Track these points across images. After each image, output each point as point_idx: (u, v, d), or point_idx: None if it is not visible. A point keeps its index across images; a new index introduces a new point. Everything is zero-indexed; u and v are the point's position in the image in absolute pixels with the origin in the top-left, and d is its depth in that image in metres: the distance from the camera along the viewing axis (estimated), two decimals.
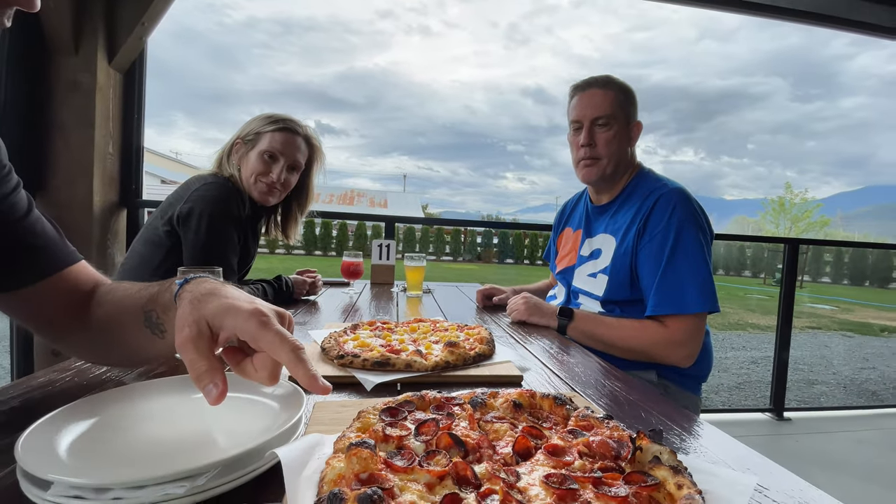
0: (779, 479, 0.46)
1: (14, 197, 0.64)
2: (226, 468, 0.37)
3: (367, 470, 0.36)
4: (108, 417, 0.46)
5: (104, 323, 0.64)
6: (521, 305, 1.24)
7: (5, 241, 0.63)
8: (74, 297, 0.66)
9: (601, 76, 1.33)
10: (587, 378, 0.78)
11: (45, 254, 0.65)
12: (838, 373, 5.11)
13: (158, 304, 0.56)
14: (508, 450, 0.43)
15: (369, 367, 0.70)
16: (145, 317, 0.58)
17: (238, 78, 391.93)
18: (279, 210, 1.41)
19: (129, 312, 0.60)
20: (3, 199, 0.62)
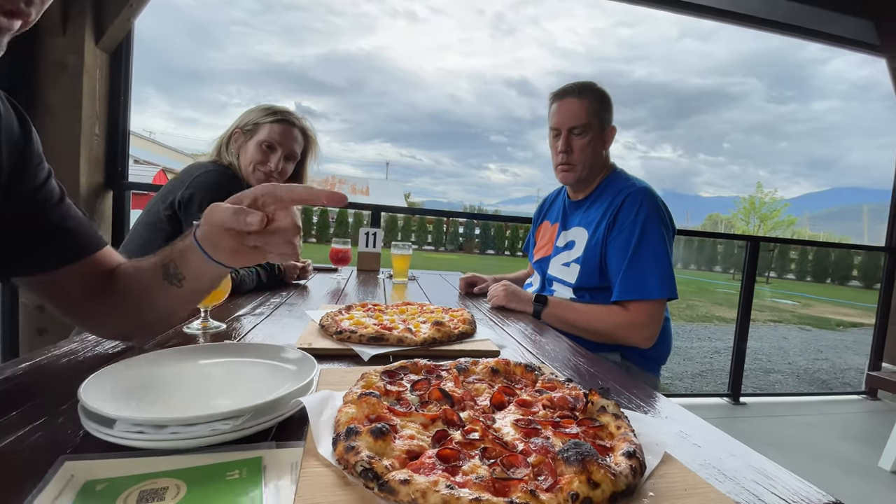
0: (702, 429, 0.57)
1: (48, 185, 0.70)
2: (259, 411, 0.46)
3: (374, 412, 0.46)
4: (152, 373, 0.54)
5: (124, 293, 0.70)
6: (500, 292, 1.34)
7: (41, 227, 0.69)
8: (100, 279, 0.72)
9: (578, 84, 1.44)
10: (556, 355, 0.89)
11: (76, 238, 0.71)
12: (794, 363, 5.45)
13: (175, 252, 0.64)
14: (487, 402, 0.53)
15: (365, 341, 0.79)
16: (164, 270, 0.65)
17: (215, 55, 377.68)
18: None
19: (148, 271, 0.67)
20: (40, 187, 0.67)
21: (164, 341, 0.81)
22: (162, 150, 33.61)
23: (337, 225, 22.21)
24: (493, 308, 1.35)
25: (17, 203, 0.66)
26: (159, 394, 0.50)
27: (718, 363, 4.97)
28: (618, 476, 0.37)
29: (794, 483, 0.46)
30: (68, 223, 0.71)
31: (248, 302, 1.18)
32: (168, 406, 0.47)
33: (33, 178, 0.68)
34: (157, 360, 0.57)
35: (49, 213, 0.68)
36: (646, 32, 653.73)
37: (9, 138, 0.65)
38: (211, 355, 0.61)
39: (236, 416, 0.44)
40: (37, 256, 0.70)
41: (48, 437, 0.45)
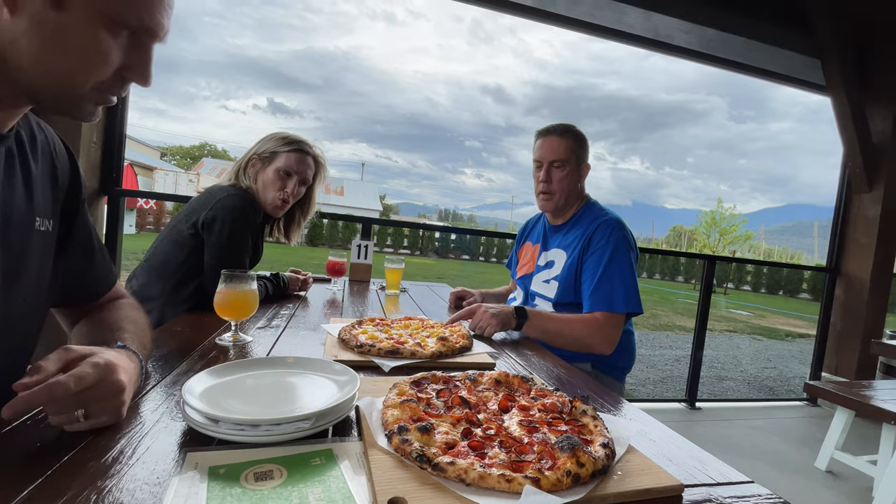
0: (657, 428, 0.74)
1: (91, 225, 0.80)
2: (327, 413, 0.59)
3: (415, 415, 0.60)
4: (231, 382, 0.67)
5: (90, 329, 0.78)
6: (491, 320, 1.31)
7: (85, 264, 0.79)
8: (100, 306, 0.83)
9: (560, 125, 1.63)
10: (541, 366, 1.05)
11: (105, 274, 0.83)
12: (745, 371, 5.86)
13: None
14: (495, 407, 0.68)
15: (383, 354, 0.93)
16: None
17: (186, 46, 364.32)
18: (283, 216, 1.59)
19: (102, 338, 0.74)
20: (83, 225, 0.78)
21: (205, 352, 0.92)
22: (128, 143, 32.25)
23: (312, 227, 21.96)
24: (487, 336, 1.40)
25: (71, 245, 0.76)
26: (245, 398, 0.62)
27: (678, 370, 5.31)
28: (597, 460, 0.53)
29: (721, 467, 0.63)
30: (102, 260, 0.82)
31: (262, 314, 1.30)
32: (254, 409, 0.60)
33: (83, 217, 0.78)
34: (233, 371, 0.69)
35: (91, 252, 0.80)
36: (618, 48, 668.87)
37: (63, 182, 0.74)
38: (273, 367, 0.74)
39: (311, 417, 0.57)
40: (80, 290, 0.81)
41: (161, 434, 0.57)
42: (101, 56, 0.58)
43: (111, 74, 0.60)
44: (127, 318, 0.79)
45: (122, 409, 0.58)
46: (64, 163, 0.75)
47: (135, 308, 0.86)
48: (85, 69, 0.58)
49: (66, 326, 0.85)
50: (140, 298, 1.27)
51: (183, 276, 1.27)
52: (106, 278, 0.84)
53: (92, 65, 0.58)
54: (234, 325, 1.01)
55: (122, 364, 0.59)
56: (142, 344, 0.74)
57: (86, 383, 0.54)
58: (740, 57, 3.44)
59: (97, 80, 0.59)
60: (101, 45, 0.57)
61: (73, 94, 0.60)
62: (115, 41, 0.58)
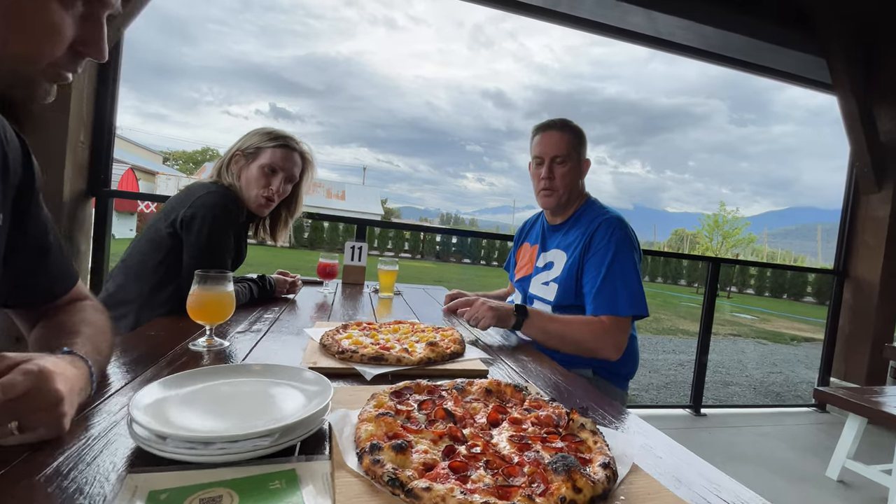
0: (663, 442, 0.67)
1: (45, 219, 0.74)
2: (291, 429, 0.52)
3: (391, 430, 0.53)
4: (189, 393, 0.60)
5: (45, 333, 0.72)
6: (487, 312, 1.31)
7: (40, 263, 0.73)
8: (58, 308, 0.77)
9: (559, 119, 1.57)
10: (538, 373, 0.98)
11: (63, 274, 0.77)
12: (751, 376, 5.76)
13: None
14: (484, 420, 0.61)
15: (366, 361, 0.86)
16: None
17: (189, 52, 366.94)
18: (268, 216, 1.52)
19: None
20: (38, 221, 0.72)
21: (175, 358, 0.85)
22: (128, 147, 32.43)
23: (312, 230, 21.98)
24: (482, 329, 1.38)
25: (24, 241, 0.71)
26: (200, 412, 0.56)
27: (682, 375, 5.21)
28: (596, 483, 0.46)
29: (736, 488, 0.56)
30: (59, 258, 0.76)
31: (244, 318, 1.23)
32: (209, 424, 0.54)
33: (36, 211, 0.72)
34: (191, 380, 0.62)
35: (46, 249, 0.73)
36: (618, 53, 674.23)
37: (15, 172, 0.69)
38: (238, 375, 0.67)
39: (272, 434, 0.51)
40: (33, 290, 0.75)
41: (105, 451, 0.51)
42: (55, 30, 0.55)
43: (65, 50, 0.57)
44: (84, 322, 0.73)
45: (62, 421, 0.52)
46: (16, 152, 0.69)
47: (96, 311, 0.79)
48: (39, 45, 0.55)
49: (23, 330, 0.78)
50: (116, 301, 1.22)
51: (161, 277, 1.20)
52: (63, 278, 0.78)
53: (46, 40, 0.55)
54: (210, 329, 0.95)
55: (61, 371, 0.53)
56: (96, 349, 0.68)
57: (14, 393, 0.48)
58: (744, 56, 3.38)
59: (52, 57, 0.56)
60: (54, 19, 0.54)
61: (28, 71, 0.56)
62: (67, 14, 0.55)
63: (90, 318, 0.75)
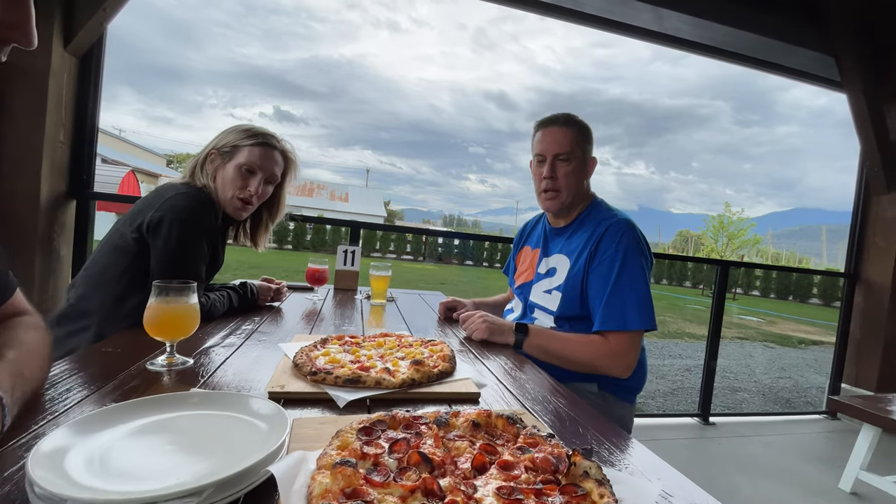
0: (682, 487, 0.57)
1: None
2: (226, 484, 0.42)
3: (350, 485, 0.43)
4: (106, 435, 0.50)
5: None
6: (481, 325, 1.29)
7: None
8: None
9: (562, 114, 1.46)
10: (536, 395, 0.88)
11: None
12: (759, 381, 5.62)
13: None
14: (468, 465, 0.51)
15: (341, 383, 0.76)
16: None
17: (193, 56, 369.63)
18: (249, 219, 1.42)
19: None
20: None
21: (125, 380, 0.76)
22: (132, 150, 32.52)
23: (314, 233, 21.92)
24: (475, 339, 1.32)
25: None
26: (118, 460, 0.46)
27: (689, 381, 5.08)
28: None
29: None
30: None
31: (218, 330, 1.13)
32: (127, 477, 0.44)
33: None
34: (113, 418, 0.53)
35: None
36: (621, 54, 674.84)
37: None
38: (175, 408, 0.57)
39: (201, 491, 0.41)
40: None
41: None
42: None
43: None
44: (13, 341, 0.63)
45: None
46: None
47: (33, 328, 0.70)
48: None
49: None
50: (77, 312, 1.12)
51: (125, 286, 1.09)
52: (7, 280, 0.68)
53: None
54: (170, 345, 0.85)
55: None
56: (18, 374, 0.58)
57: None
58: (753, 53, 3.29)
59: None
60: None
61: None
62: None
63: (21, 336, 0.66)
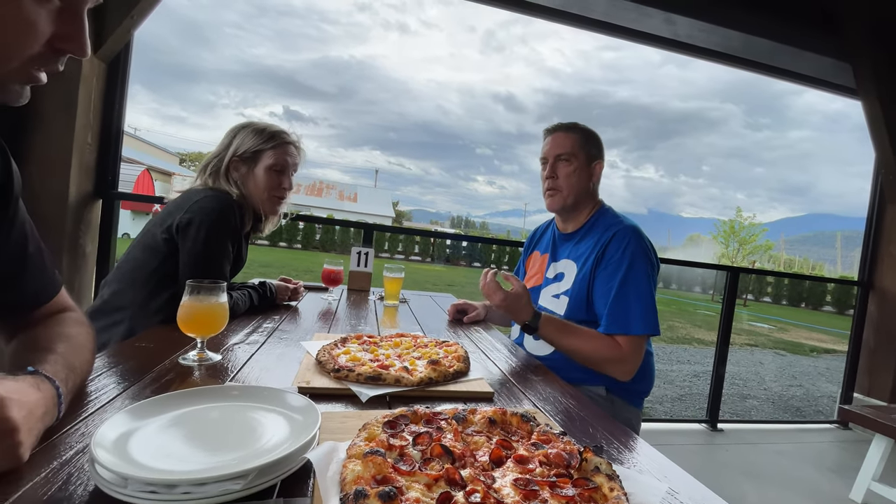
0: (688, 486, 0.60)
1: (26, 226, 0.70)
2: (267, 469, 0.47)
3: (380, 473, 0.47)
4: (158, 420, 0.55)
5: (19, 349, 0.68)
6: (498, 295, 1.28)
7: (19, 271, 0.69)
8: (37, 319, 0.73)
9: (568, 122, 1.52)
10: (546, 395, 0.92)
11: (38, 282, 0.72)
12: (769, 389, 5.58)
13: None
14: (486, 458, 0.55)
15: (363, 381, 0.80)
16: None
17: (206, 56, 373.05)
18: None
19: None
20: (19, 228, 0.68)
21: (161, 374, 0.81)
22: (147, 148, 33.09)
23: (324, 232, 22.09)
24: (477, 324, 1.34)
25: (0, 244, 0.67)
26: (168, 445, 0.51)
27: (697, 387, 5.06)
28: None
29: None
30: (40, 265, 0.72)
31: (242, 327, 1.18)
32: (178, 459, 0.48)
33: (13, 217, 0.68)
34: (164, 406, 0.57)
35: (25, 256, 0.69)
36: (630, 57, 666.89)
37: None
38: (215, 399, 0.61)
39: (246, 475, 0.45)
40: (12, 300, 0.70)
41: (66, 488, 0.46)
42: (29, 26, 0.51)
43: (42, 47, 0.53)
44: (61, 336, 0.68)
45: (17, 451, 0.47)
46: None
47: (77, 323, 0.75)
48: (12, 43, 0.51)
49: (2, 343, 0.74)
50: (111, 307, 1.18)
51: (156, 284, 1.16)
52: (44, 287, 0.74)
53: (20, 37, 0.51)
54: (201, 342, 0.90)
55: (16, 397, 0.48)
56: (69, 366, 0.63)
57: None
58: (766, 59, 3.28)
59: (27, 55, 0.52)
60: (28, 14, 0.50)
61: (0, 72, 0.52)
62: (42, 8, 0.51)
63: (68, 331, 0.71)
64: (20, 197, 0.70)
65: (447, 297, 2.23)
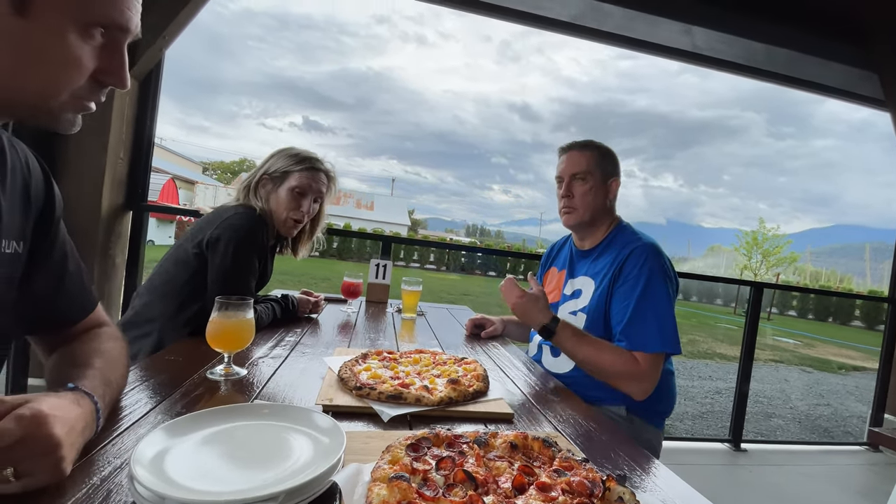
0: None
1: (66, 245, 0.74)
2: (297, 490, 0.48)
3: (405, 498, 0.48)
4: (192, 438, 0.57)
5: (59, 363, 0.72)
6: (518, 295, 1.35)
7: (59, 288, 0.73)
8: (74, 334, 0.76)
9: (583, 140, 1.53)
10: (566, 417, 0.91)
11: (83, 298, 0.76)
12: (795, 408, 5.39)
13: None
14: (508, 485, 0.55)
15: (384, 399, 0.81)
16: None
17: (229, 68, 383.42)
18: None
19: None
20: (60, 247, 0.72)
21: (190, 388, 0.83)
22: (172, 157, 34.11)
23: (341, 241, 22.36)
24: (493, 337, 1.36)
25: (43, 266, 0.70)
26: (203, 464, 0.53)
27: (719, 404, 4.93)
28: None
29: None
30: (78, 283, 0.75)
31: (265, 341, 1.21)
32: (212, 479, 0.50)
33: (54, 238, 0.72)
34: (197, 424, 0.59)
35: (65, 275, 0.73)
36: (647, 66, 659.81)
37: (36, 200, 0.69)
38: (245, 418, 0.63)
39: (276, 497, 0.46)
40: (52, 316, 0.74)
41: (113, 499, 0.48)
42: (74, 62, 0.55)
43: (87, 80, 0.57)
44: (97, 352, 0.71)
45: (60, 466, 0.50)
46: (38, 181, 0.70)
47: (112, 338, 0.78)
48: (58, 78, 0.55)
49: (42, 357, 0.78)
50: (142, 318, 1.23)
51: (186, 297, 1.20)
52: (81, 303, 0.77)
53: (66, 72, 0.55)
54: (228, 356, 0.93)
55: (58, 414, 0.51)
56: (105, 381, 0.66)
57: (6, 441, 0.45)
58: (789, 70, 3.22)
59: (73, 88, 0.57)
60: (73, 51, 0.55)
61: (49, 104, 0.57)
62: (86, 44, 0.56)
63: (104, 346, 0.74)
64: (61, 219, 0.74)
65: (464, 309, 2.23)
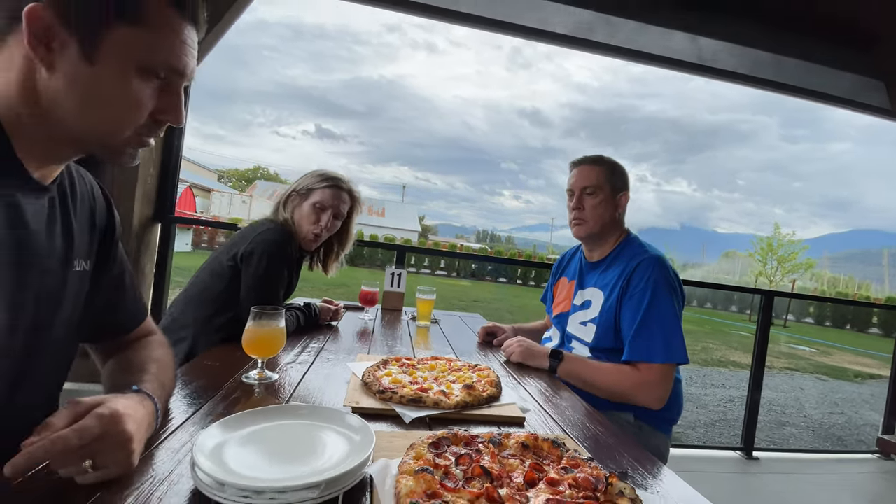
0: None
1: (124, 262, 0.83)
2: (337, 480, 0.55)
3: (430, 488, 0.55)
4: (242, 432, 0.65)
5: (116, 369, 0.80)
6: (517, 349, 1.41)
7: (118, 301, 0.82)
8: (127, 342, 0.85)
9: (594, 155, 1.60)
10: (575, 420, 0.98)
11: (132, 310, 0.85)
12: (809, 416, 5.33)
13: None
14: (520, 480, 0.62)
15: (405, 402, 0.89)
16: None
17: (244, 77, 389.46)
18: (322, 249, 1.67)
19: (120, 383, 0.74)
20: (119, 265, 0.82)
21: (229, 392, 0.92)
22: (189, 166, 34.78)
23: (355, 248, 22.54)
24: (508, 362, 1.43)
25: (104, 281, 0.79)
26: (253, 457, 0.60)
27: (732, 412, 4.90)
28: None
29: None
30: (133, 295, 0.85)
31: (292, 347, 1.30)
32: (262, 470, 0.58)
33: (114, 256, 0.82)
34: (246, 422, 0.68)
35: (123, 288, 0.82)
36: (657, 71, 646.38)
37: (100, 224, 0.78)
38: (287, 417, 0.71)
39: (319, 486, 0.54)
40: (111, 325, 0.83)
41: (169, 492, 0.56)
42: (136, 103, 0.62)
43: (147, 119, 0.64)
44: (151, 359, 0.80)
45: (130, 458, 0.57)
46: (101, 206, 0.79)
47: (161, 346, 0.87)
48: (122, 117, 0.63)
49: (98, 363, 0.87)
50: (178, 325, 1.33)
51: (220, 306, 1.32)
52: (135, 313, 0.86)
53: (128, 112, 0.63)
54: (261, 362, 1.01)
55: (130, 413, 0.59)
56: (161, 384, 0.74)
57: (89, 437, 0.53)
58: (794, 80, 3.24)
59: (135, 126, 0.64)
60: (135, 94, 0.62)
61: (114, 141, 0.64)
62: (146, 87, 0.62)
63: (156, 354, 0.82)
64: (119, 239, 0.83)
65: (475, 317, 2.30)
